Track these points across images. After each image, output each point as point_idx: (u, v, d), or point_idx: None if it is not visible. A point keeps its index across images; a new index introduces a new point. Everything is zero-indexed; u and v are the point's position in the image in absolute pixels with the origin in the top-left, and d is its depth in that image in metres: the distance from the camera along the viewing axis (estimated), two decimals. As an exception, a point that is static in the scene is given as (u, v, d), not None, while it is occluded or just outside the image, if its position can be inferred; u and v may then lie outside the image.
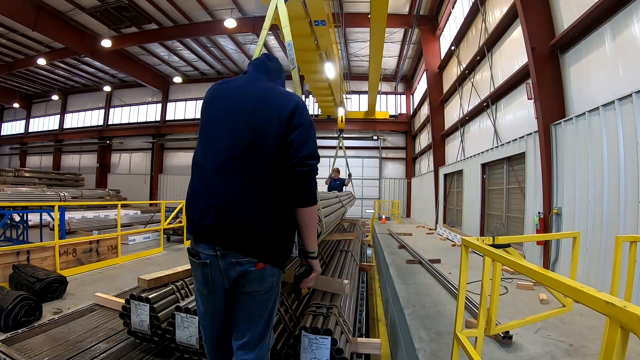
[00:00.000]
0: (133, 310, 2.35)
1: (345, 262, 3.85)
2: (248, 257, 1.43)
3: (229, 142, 1.44)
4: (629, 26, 4.49)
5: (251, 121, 1.44)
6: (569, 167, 5.34)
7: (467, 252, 1.86)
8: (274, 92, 1.53)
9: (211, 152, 1.47)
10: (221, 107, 1.51)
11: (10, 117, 27.10)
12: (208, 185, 1.45)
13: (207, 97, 1.60)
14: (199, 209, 1.46)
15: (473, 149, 10.16)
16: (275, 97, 1.50)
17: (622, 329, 0.76)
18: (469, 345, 1.75)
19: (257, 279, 1.46)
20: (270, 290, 1.51)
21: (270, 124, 1.44)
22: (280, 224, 1.48)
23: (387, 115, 19.96)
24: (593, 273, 4.56)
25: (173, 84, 22.34)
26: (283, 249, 1.51)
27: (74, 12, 13.99)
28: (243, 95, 1.50)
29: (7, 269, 4.71)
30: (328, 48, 11.10)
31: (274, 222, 1.46)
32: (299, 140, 1.45)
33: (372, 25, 10.43)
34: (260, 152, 1.43)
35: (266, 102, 1.48)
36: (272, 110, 1.46)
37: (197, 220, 1.46)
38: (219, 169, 1.44)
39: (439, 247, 7.02)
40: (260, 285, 1.47)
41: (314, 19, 9.80)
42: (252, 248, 1.43)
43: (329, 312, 2.15)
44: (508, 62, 7.77)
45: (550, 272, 1.12)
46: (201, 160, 1.49)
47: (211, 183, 1.44)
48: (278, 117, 1.45)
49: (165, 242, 8.71)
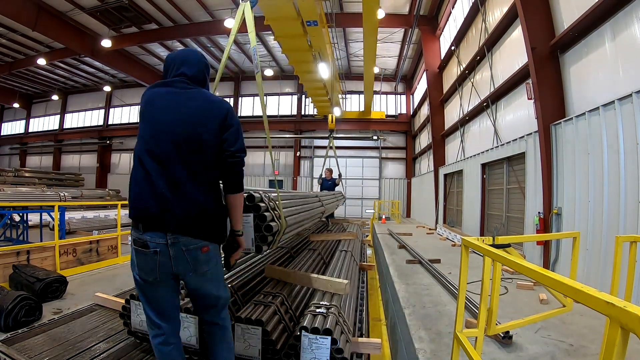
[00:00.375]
0: (133, 310, 2.35)
1: (345, 262, 3.85)
2: (196, 241, 1.66)
3: (172, 141, 1.67)
4: (629, 26, 4.49)
5: (191, 123, 1.70)
6: (569, 167, 5.34)
7: (467, 252, 1.87)
8: (208, 99, 1.81)
9: (157, 150, 1.67)
10: (163, 111, 1.72)
11: (10, 117, 27.10)
12: (157, 180, 1.63)
13: (145, 101, 1.79)
14: (150, 201, 1.63)
15: (473, 149, 10.16)
16: (209, 104, 1.78)
17: (622, 329, 0.76)
18: (469, 345, 1.75)
19: (204, 261, 1.71)
20: (216, 265, 1.80)
21: (207, 125, 1.72)
22: (219, 210, 1.78)
23: (383, 115, 20.02)
24: (593, 273, 4.56)
25: (173, 84, 22.33)
26: (222, 230, 1.81)
27: (74, 12, 13.99)
28: (180, 101, 1.74)
29: (7, 269, 4.71)
30: (321, 48, 11.08)
31: (214, 208, 1.75)
32: (231, 138, 1.77)
33: (365, 24, 10.42)
34: (200, 149, 1.70)
35: (202, 107, 1.76)
36: (208, 115, 1.74)
37: (149, 212, 1.63)
38: (165, 165, 1.65)
39: (439, 247, 7.02)
40: (208, 265, 1.74)
41: (306, 19, 9.78)
42: (200, 232, 1.68)
43: (328, 312, 2.15)
44: (508, 62, 7.77)
45: (551, 272, 1.12)
46: (146, 157, 1.67)
47: (160, 177, 1.64)
48: (213, 120, 1.74)
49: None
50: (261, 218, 2.15)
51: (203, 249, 1.69)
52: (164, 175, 1.64)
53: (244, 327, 2.04)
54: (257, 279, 2.97)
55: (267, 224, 2.15)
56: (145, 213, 1.64)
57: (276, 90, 21.78)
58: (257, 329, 2.02)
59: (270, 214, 2.23)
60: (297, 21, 9.84)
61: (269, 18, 9.86)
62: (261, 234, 2.15)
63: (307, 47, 11.48)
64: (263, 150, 21.92)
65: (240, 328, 2.05)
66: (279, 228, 2.29)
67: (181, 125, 1.69)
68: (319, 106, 18.55)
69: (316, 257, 3.89)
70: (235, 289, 2.60)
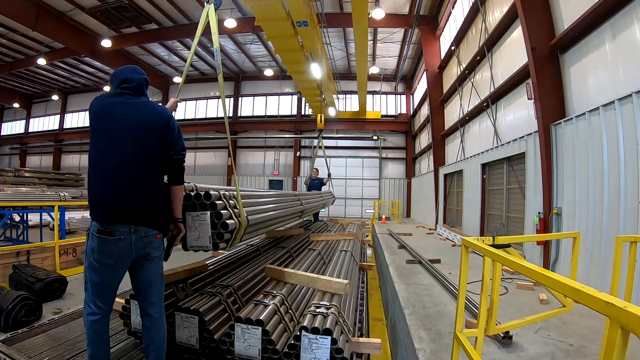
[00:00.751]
0: (133, 310, 2.35)
1: (345, 262, 3.85)
2: (150, 230, 1.97)
3: (125, 146, 1.93)
4: (629, 26, 4.49)
5: (140, 128, 1.98)
6: (569, 167, 5.34)
7: (467, 252, 1.87)
8: (153, 107, 2.09)
9: (113, 153, 1.92)
10: (115, 119, 1.97)
11: (10, 117, 27.10)
12: (115, 180, 1.90)
13: (94, 110, 2.01)
14: (111, 197, 1.90)
15: (473, 149, 10.15)
16: (154, 111, 2.07)
17: (623, 329, 0.76)
18: (469, 345, 1.76)
19: (157, 247, 2.03)
20: (162, 252, 2.10)
21: (153, 129, 2.02)
22: (166, 202, 2.07)
23: (379, 115, 20.10)
24: (593, 273, 4.56)
25: (173, 84, 22.33)
26: (166, 219, 2.10)
27: (74, 12, 13.99)
28: (129, 110, 2.00)
29: (7, 269, 4.71)
30: (313, 49, 11.08)
31: (163, 201, 2.05)
32: (174, 139, 2.09)
33: (355, 25, 10.43)
34: (149, 150, 1.99)
35: (148, 114, 2.04)
36: (153, 121, 2.03)
37: (110, 206, 1.89)
38: (122, 167, 1.91)
39: (439, 247, 7.03)
40: (159, 250, 2.06)
41: (296, 19, 9.79)
42: (154, 222, 1.99)
43: (328, 312, 2.15)
44: (508, 62, 7.77)
45: (551, 272, 1.12)
46: (102, 161, 1.93)
47: (118, 177, 1.90)
48: (158, 124, 2.04)
49: (165, 242, 8.68)
50: (218, 215, 2.24)
51: (157, 236, 2.02)
52: (123, 175, 1.90)
53: (244, 327, 2.04)
54: (256, 278, 2.97)
55: (223, 222, 2.23)
56: (112, 209, 1.89)
57: (276, 90, 21.79)
58: (257, 329, 2.02)
59: (228, 212, 2.30)
60: (287, 22, 9.87)
61: (260, 19, 9.91)
62: (218, 232, 2.24)
63: (299, 47, 11.49)
64: (263, 150, 21.93)
65: (240, 328, 2.05)
66: (237, 226, 2.35)
67: (132, 130, 1.95)
68: (313, 106, 18.64)
69: (316, 257, 3.89)
70: (235, 289, 2.60)
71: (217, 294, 2.40)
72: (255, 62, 20.08)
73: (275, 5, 9.06)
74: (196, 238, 2.25)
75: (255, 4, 9.17)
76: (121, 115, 1.97)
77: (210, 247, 2.25)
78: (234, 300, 2.51)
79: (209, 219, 2.22)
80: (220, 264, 3.45)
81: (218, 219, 2.24)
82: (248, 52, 18.62)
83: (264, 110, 22.30)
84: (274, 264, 3.50)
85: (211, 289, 2.48)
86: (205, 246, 2.24)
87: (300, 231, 5.56)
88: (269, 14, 9.48)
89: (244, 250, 4.19)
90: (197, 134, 22.26)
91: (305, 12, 9.36)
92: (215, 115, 22.65)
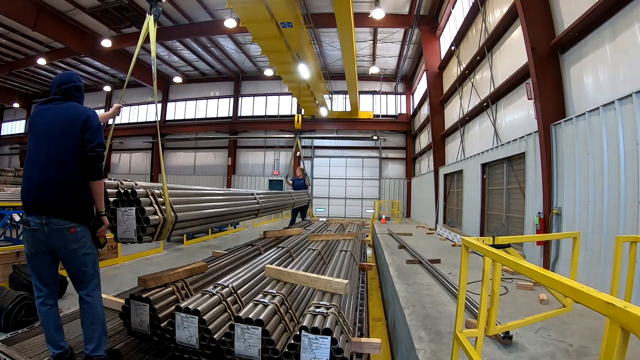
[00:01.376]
0: (133, 310, 2.35)
1: (345, 262, 3.85)
2: (65, 222, 2.09)
3: (49, 145, 2.15)
4: (629, 26, 4.49)
5: (61, 129, 2.16)
6: (569, 167, 5.33)
7: (467, 252, 1.86)
8: (75, 109, 2.26)
9: (39, 153, 2.15)
10: (43, 123, 2.21)
11: (10, 117, 27.10)
12: (37, 176, 2.12)
13: (30, 117, 2.29)
14: (32, 191, 2.11)
15: (473, 149, 10.15)
16: (75, 113, 2.23)
17: (623, 329, 0.76)
18: (469, 345, 1.75)
19: (73, 240, 2.14)
20: (86, 245, 2.20)
21: (74, 129, 2.18)
22: (84, 196, 2.18)
23: (371, 115, 20.24)
24: (593, 273, 4.56)
25: (173, 83, 22.34)
26: (87, 213, 2.21)
27: (74, 12, 13.99)
28: (56, 114, 2.22)
29: (7, 269, 4.70)
30: (299, 49, 11.10)
31: (80, 195, 2.16)
32: (90, 137, 2.19)
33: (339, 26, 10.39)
34: (69, 148, 2.14)
35: (70, 116, 2.21)
36: (74, 121, 2.19)
37: (30, 199, 2.11)
38: (44, 163, 2.13)
39: (439, 247, 7.03)
40: (78, 244, 2.16)
41: (280, 20, 9.81)
42: (67, 214, 2.11)
43: (328, 312, 2.15)
44: (508, 62, 7.76)
45: (550, 272, 1.12)
46: (30, 159, 2.18)
47: (39, 174, 2.12)
48: (77, 124, 2.19)
49: (165, 242, 8.70)
50: (142, 211, 2.41)
51: (70, 230, 2.12)
52: (43, 171, 2.12)
53: (244, 327, 2.04)
54: (256, 278, 2.97)
55: (146, 217, 2.40)
56: (28, 201, 2.11)
57: (276, 90, 21.78)
58: (256, 329, 2.02)
59: (153, 208, 2.47)
60: (271, 23, 9.89)
61: (244, 20, 9.96)
62: (141, 226, 2.42)
63: (285, 48, 11.51)
64: (263, 150, 21.93)
65: (240, 328, 2.05)
66: (161, 221, 2.50)
67: (55, 130, 2.16)
68: (305, 106, 18.71)
69: (316, 256, 3.89)
70: (235, 289, 2.60)
71: (217, 294, 2.40)
72: (255, 62, 20.08)
73: (259, 7, 9.09)
74: (124, 231, 2.42)
75: (239, 6, 9.21)
76: (47, 118, 2.21)
77: (135, 239, 2.42)
78: (234, 300, 2.51)
79: (134, 214, 2.39)
80: (220, 264, 3.45)
81: (142, 214, 2.40)
82: (248, 52, 18.62)
83: (264, 110, 22.30)
84: (273, 263, 3.50)
85: (211, 289, 2.48)
86: (131, 239, 2.42)
87: (300, 231, 5.56)
88: (253, 15, 9.55)
89: (244, 250, 4.19)
90: (197, 133, 22.26)
91: (288, 13, 9.39)
92: (215, 115, 22.67)
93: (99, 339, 2.20)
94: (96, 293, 2.26)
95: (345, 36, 10.95)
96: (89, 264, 2.23)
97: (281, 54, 12.05)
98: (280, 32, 10.43)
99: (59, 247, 2.13)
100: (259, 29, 10.35)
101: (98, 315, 2.23)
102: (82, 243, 2.18)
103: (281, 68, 13.64)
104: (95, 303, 2.24)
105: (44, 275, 2.19)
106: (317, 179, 21.27)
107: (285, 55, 12.01)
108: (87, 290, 2.23)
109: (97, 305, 2.24)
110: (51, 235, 2.09)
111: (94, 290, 2.25)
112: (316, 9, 13.72)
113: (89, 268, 2.22)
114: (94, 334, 2.20)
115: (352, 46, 11.82)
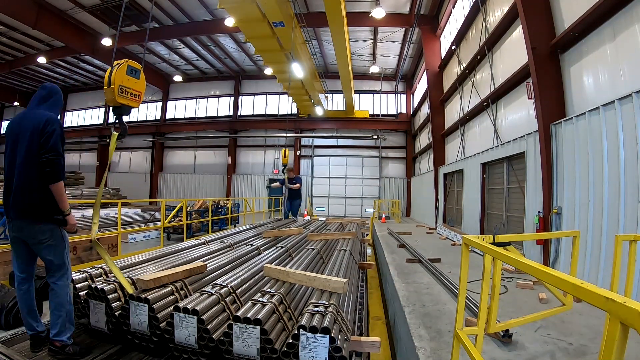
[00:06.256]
0: (132, 310, 2.35)
1: (344, 261, 3.85)
2: (28, 220, 2.34)
3: (20, 151, 2.36)
4: (629, 26, 4.48)
5: (28, 135, 2.35)
6: (569, 166, 5.33)
7: (467, 250, 1.86)
8: (39, 116, 2.40)
9: (11, 159, 2.40)
10: (16, 130, 2.42)
11: (10, 115, 27.06)
12: (11, 179, 2.38)
13: (7, 126, 2.50)
14: (5, 193, 2.39)
15: (473, 148, 10.15)
16: (38, 119, 2.38)
17: (622, 324, 0.76)
18: (469, 343, 1.75)
19: (38, 232, 2.37)
20: (52, 237, 2.41)
21: (35, 134, 2.34)
22: (45, 196, 2.35)
23: (367, 114, 20.29)
24: (593, 272, 4.56)
25: (173, 82, 22.34)
26: (49, 210, 2.38)
27: (75, 11, 13.98)
28: (25, 121, 2.42)
29: (8, 267, 4.70)
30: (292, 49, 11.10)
31: (42, 196, 2.34)
32: (45, 142, 2.33)
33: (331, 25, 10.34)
34: (34, 154, 2.33)
35: (34, 122, 2.37)
36: (35, 127, 2.35)
37: (4, 200, 2.41)
38: (14, 167, 2.37)
39: (439, 246, 7.03)
40: (43, 235, 2.38)
41: (271, 20, 9.81)
42: (30, 214, 2.34)
43: (327, 311, 2.14)
44: (508, 62, 7.76)
45: (550, 269, 1.12)
46: (6, 165, 2.43)
47: (12, 178, 2.37)
48: (37, 129, 2.34)
49: (166, 241, 8.70)
50: (110, 308, 2.48)
51: (37, 224, 2.35)
52: (14, 175, 2.36)
53: (242, 327, 2.04)
54: (255, 277, 2.97)
55: (114, 313, 2.49)
56: (4, 201, 2.41)
57: (277, 89, 21.76)
58: (255, 328, 2.02)
59: (120, 303, 2.54)
60: (264, 22, 9.88)
61: (237, 20, 9.96)
62: (110, 319, 2.49)
63: (279, 47, 11.50)
64: (263, 149, 21.92)
65: (238, 327, 2.04)
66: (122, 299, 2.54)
67: (24, 136, 2.35)
68: (301, 106, 18.70)
69: (315, 256, 3.89)
70: (233, 288, 2.60)
71: (216, 294, 2.40)
72: (256, 61, 20.07)
73: (250, 6, 9.08)
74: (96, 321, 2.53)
75: (230, 6, 9.21)
76: (18, 125, 2.42)
77: (105, 330, 2.50)
78: (233, 299, 2.50)
79: (103, 309, 2.49)
80: (219, 263, 3.44)
81: (111, 310, 2.48)
82: (248, 51, 18.60)
83: (264, 109, 22.29)
84: (272, 263, 3.50)
85: (210, 289, 2.48)
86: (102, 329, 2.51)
87: (299, 230, 5.56)
88: (245, 15, 9.55)
89: (243, 250, 4.19)
90: (197, 132, 22.25)
91: (280, 12, 9.38)
92: (215, 114, 22.65)
93: (62, 325, 2.36)
94: (62, 282, 2.43)
95: (337, 35, 10.94)
96: (54, 255, 2.42)
97: (275, 54, 12.05)
98: (273, 32, 10.42)
99: (28, 238, 2.39)
100: (251, 29, 10.36)
101: (62, 303, 2.40)
102: (48, 235, 2.38)
103: (275, 67, 13.64)
104: (61, 291, 2.42)
105: (20, 260, 2.45)
106: (317, 178, 21.26)
107: (278, 54, 12.00)
108: (54, 278, 2.42)
109: (62, 293, 2.42)
110: (22, 231, 2.38)
111: (59, 279, 2.42)
112: (317, 8, 13.71)
113: (54, 258, 2.41)
114: (57, 319, 2.36)
115: (345, 45, 11.81)
